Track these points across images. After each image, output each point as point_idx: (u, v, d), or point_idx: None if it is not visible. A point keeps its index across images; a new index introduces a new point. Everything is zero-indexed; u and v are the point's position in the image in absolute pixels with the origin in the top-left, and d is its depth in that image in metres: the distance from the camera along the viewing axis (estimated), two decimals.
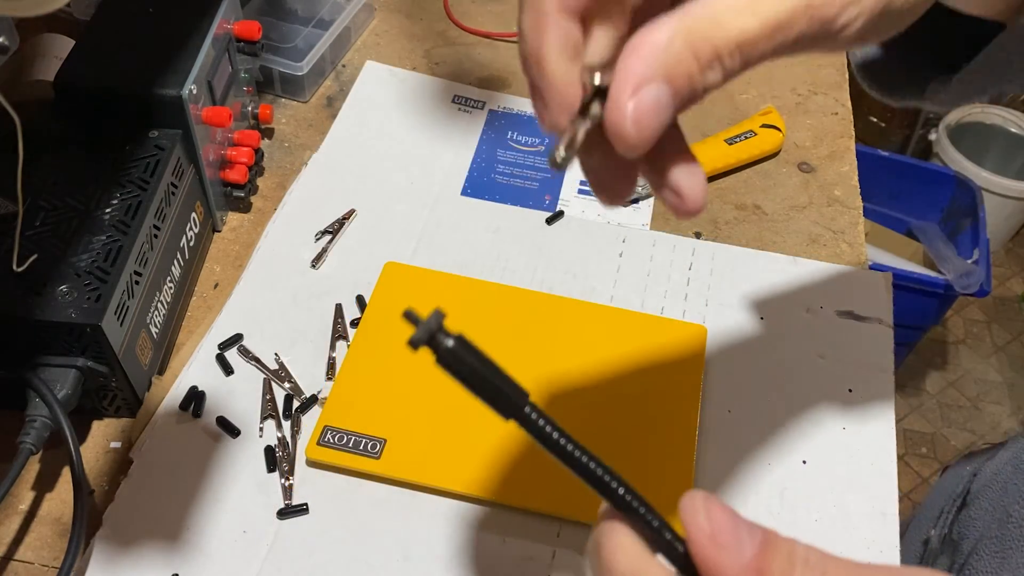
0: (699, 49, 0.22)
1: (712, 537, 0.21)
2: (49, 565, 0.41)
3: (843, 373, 0.49)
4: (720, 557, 0.21)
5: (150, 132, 0.48)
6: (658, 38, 0.22)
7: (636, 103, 0.22)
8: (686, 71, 0.22)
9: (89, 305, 0.41)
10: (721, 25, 0.22)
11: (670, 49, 0.22)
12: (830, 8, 0.23)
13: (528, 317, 0.50)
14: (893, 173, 1.38)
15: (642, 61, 0.22)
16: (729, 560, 0.21)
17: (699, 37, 0.22)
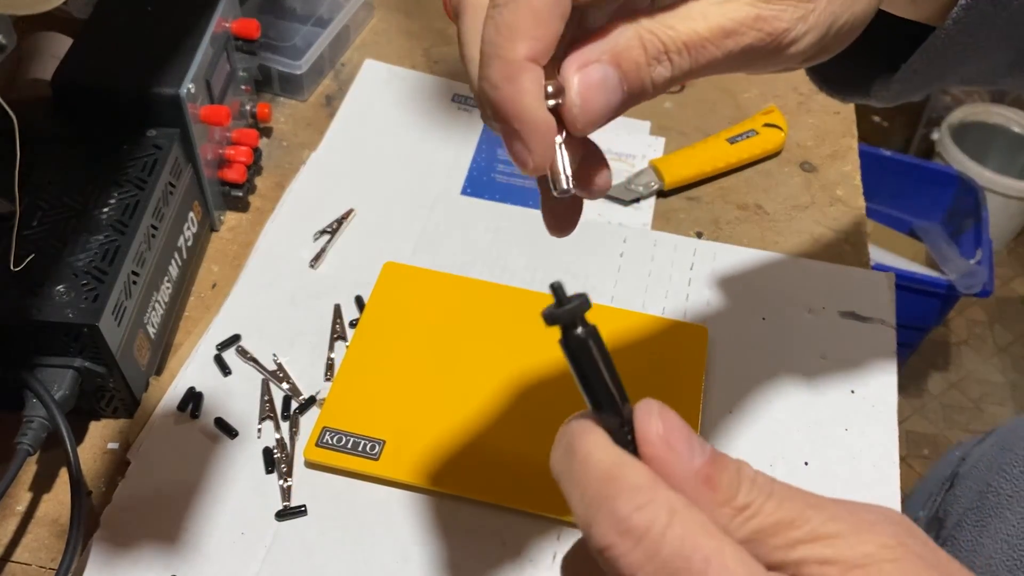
0: (647, 41, 0.23)
1: (664, 440, 0.21)
2: (47, 566, 0.41)
3: (845, 374, 0.49)
4: (670, 459, 0.21)
5: (148, 131, 0.48)
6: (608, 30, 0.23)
7: (582, 77, 0.23)
8: (633, 58, 0.23)
9: (86, 305, 0.41)
10: (671, 25, 0.24)
11: (619, 37, 0.23)
12: (779, 23, 0.24)
13: (528, 317, 0.50)
14: (896, 173, 1.38)
15: (590, 45, 0.23)
16: (679, 464, 0.21)
17: (648, 31, 0.23)
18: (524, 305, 0.50)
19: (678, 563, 0.18)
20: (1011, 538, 0.41)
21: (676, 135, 0.62)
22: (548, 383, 0.47)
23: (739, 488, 0.21)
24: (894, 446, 0.46)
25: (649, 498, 0.19)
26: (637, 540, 0.19)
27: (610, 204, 0.57)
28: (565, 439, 0.23)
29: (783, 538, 0.21)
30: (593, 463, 0.21)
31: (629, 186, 0.58)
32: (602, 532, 0.19)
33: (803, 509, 0.21)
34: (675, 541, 0.19)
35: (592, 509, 0.20)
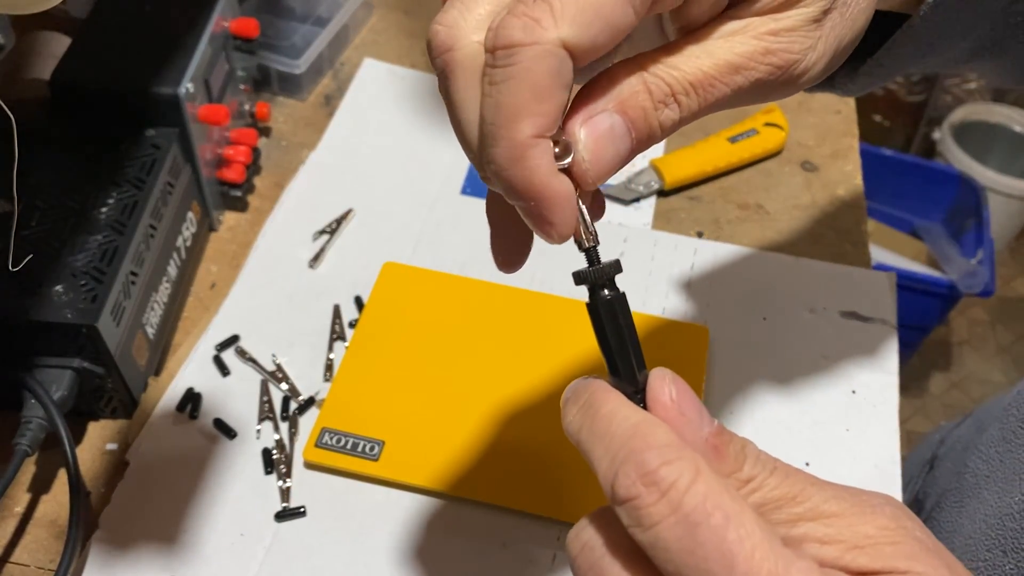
0: (652, 84, 0.23)
1: (677, 404, 0.22)
2: (45, 567, 0.41)
3: (846, 374, 0.48)
4: (681, 424, 0.21)
5: (146, 131, 0.48)
6: (612, 76, 0.23)
7: (589, 130, 0.22)
8: (640, 104, 0.23)
9: (85, 305, 0.41)
10: (675, 66, 0.23)
11: (624, 83, 0.23)
12: (789, 55, 0.24)
13: (528, 318, 0.49)
14: (897, 172, 1.38)
15: (595, 93, 0.22)
16: (689, 430, 0.21)
17: (651, 75, 0.23)
18: (524, 305, 0.50)
19: (698, 517, 0.19)
20: (989, 518, 0.41)
21: (676, 134, 0.62)
22: (548, 383, 0.46)
23: (745, 461, 0.21)
24: (895, 446, 0.46)
25: (677, 455, 0.20)
26: (663, 492, 0.19)
27: (610, 204, 0.57)
28: (583, 398, 0.23)
29: (785, 513, 0.21)
30: (620, 418, 0.21)
31: (629, 185, 0.57)
32: (629, 483, 0.20)
33: (805, 486, 0.21)
34: (699, 496, 0.19)
35: (619, 460, 0.20)
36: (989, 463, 0.44)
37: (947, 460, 0.51)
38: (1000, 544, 0.39)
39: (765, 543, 0.19)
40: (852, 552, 0.20)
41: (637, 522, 0.19)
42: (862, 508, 0.21)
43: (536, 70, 0.21)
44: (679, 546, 0.19)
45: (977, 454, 0.45)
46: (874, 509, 0.21)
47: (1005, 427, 0.43)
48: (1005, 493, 0.40)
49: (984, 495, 0.42)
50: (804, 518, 0.21)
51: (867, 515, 0.21)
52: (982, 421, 0.49)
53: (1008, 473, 0.41)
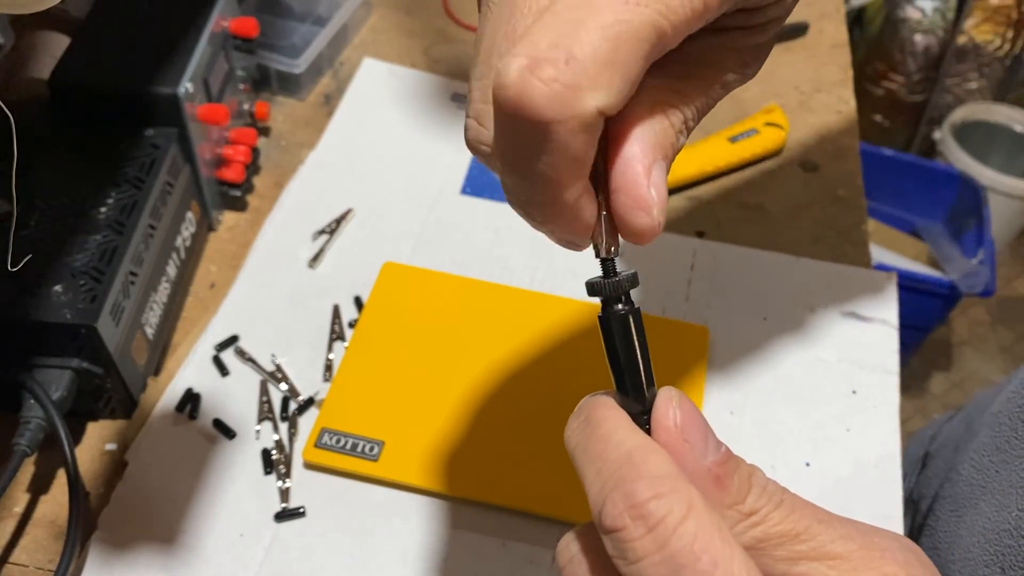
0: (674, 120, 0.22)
1: (680, 430, 0.21)
2: (44, 568, 0.41)
3: (847, 374, 0.48)
4: (683, 451, 0.20)
5: (146, 130, 0.48)
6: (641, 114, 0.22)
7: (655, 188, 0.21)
8: (671, 145, 0.22)
9: (84, 305, 0.41)
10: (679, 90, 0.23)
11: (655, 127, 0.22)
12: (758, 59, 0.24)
13: (528, 318, 0.49)
14: (897, 172, 1.38)
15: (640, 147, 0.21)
16: (691, 457, 0.20)
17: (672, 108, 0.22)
18: (524, 305, 0.50)
19: (684, 559, 0.18)
20: (987, 532, 0.40)
21: None
22: (548, 384, 0.46)
23: (748, 493, 0.20)
24: (895, 446, 0.46)
25: (670, 488, 0.19)
26: (650, 528, 0.18)
27: None
28: (584, 413, 0.22)
29: (787, 550, 0.20)
30: (615, 442, 0.20)
31: None
32: (616, 513, 0.19)
33: (811, 523, 0.20)
34: (687, 536, 0.18)
35: (608, 488, 0.19)
36: (984, 473, 0.43)
37: (939, 458, 0.51)
38: (998, 560, 0.39)
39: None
40: None
41: (621, 555, 0.19)
42: (870, 552, 0.20)
43: (575, 146, 0.19)
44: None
45: (970, 461, 0.45)
46: (883, 554, 0.20)
47: (998, 436, 0.43)
48: (1002, 507, 0.40)
49: (981, 506, 0.42)
50: (807, 557, 0.20)
51: (875, 560, 0.20)
52: (971, 418, 0.49)
53: (1004, 485, 0.41)
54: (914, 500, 0.51)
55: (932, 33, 1.49)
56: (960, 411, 0.54)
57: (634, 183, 0.21)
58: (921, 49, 1.51)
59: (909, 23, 1.49)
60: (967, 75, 1.54)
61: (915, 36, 1.50)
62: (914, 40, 1.50)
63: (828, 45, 0.69)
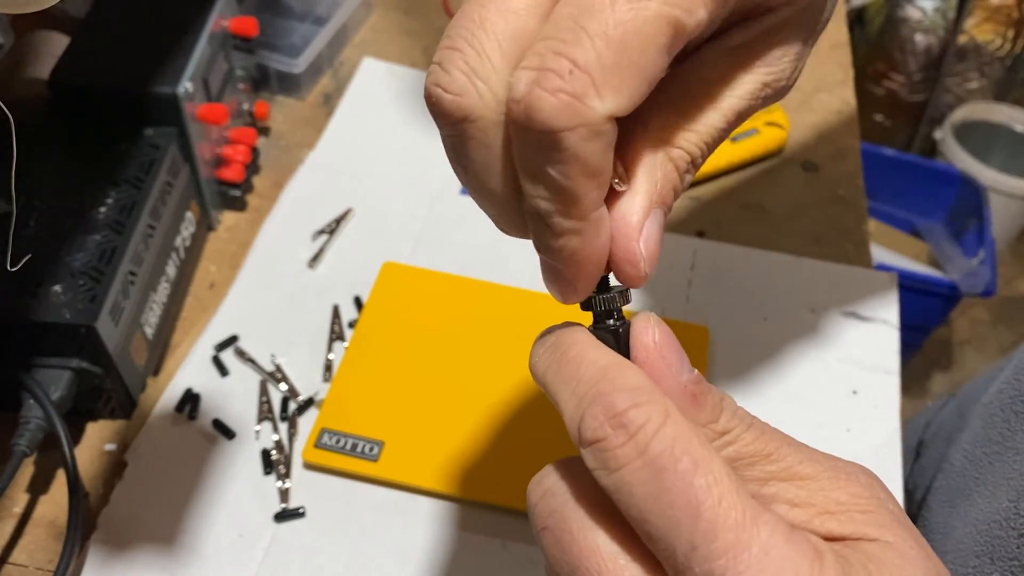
0: (679, 159, 0.22)
1: (659, 348, 0.21)
2: (44, 568, 0.41)
3: (847, 374, 0.48)
4: (661, 367, 0.21)
5: (145, 130, 0.48)
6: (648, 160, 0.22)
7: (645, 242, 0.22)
8: (673, 187, 0.22)
9: (83, 305, 0.41)
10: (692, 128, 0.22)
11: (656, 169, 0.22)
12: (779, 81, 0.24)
13: (528, 318, 0.49)
14: (898, 172, 1.38)
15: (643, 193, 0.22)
16: (668, 375, 0.21)
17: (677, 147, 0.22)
18: (524, 305, 0.50)
19: (665, 461, 0.18)
20: (978, 523, 0.41)
21: None
22: None
23: (721, 413, 0.21)
24: (897, 447, 0.46)
25: (647, 398, 0.19)
26: (630, 435, 0.19)
27: None
28: (551, 339, 0.22)
29: (758, 470, 0.21)
30: (588, 361, 0.21)
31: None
32: (596, 425, 0.19)
33: (780, 445, 0.21)
34: (667, 440, 0.19)
35: (586, 402, 0.20)
36: (977, 465, 0.43)
37: (932, 447, 0.51)
38: (988, 551, 0.39)
39: (733, 492, 0.18)
40: (822, 516, 0.20)
41: (603, 464, 0.19)
42: (836, 474, 0.21)
43: (586, 153, 0.19)
44: (644, 491, 0.18)
45: (962, 452, 0.45)
46: (848, 476, 0.21)
47: (990, 427, 0.43)
48: (994, 498, 0.40)
49: (974, 498, 0.42)
50: (776, 477, 0.20)
51: (840, 481, 0.20)
52: (963, 406, 0.49)
53: (997, 477, 0.41)
54: (909, 490, 0.51)
55: (933, 33, 1.49)
56: (952, 398, 0.54)
57: (625, 236, 0.22)
58: (922, 49, 1.51)
59: (910, 23, 1.49)
60: (968, 75, 1.54)
61: (916, 36, 1.50)
62: (915, 40, 1.50)
63: (828, 45, 0.68)
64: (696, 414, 0.21)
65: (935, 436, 0.51)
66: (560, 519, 0.20)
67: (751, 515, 0.18)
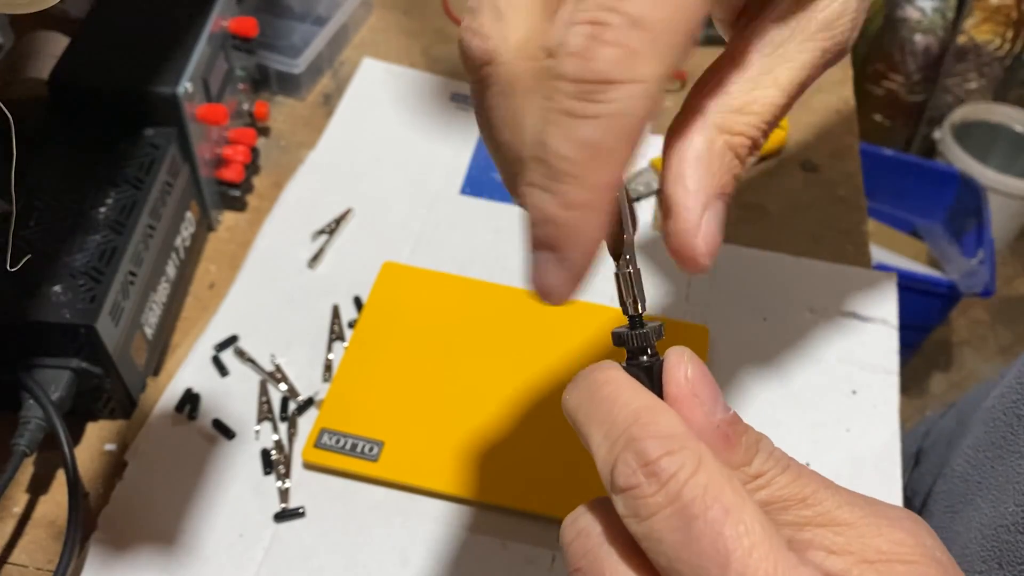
0: (738, 146, 0.21)
1: (691, 384, 0.20)
2: (44, 568, 0.41)
3: (847, 374, 0.48)
4: (693, 406, 0.20)
5: (145, 130, 0.48)
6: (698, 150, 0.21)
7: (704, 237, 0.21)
8: (731, 173, 0.21)
9: (83, 305, 0.41)
10: (749, 110, 0.21)
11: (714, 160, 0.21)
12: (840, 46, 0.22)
13: (528, 318, 0.49)
14: (897, 172, 1.38)
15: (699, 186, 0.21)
16: (700, 413, 0.20)
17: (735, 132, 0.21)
18: (523, 305, 0.50)
19: (696, 510, 0.18)
20: (984, 528, 0.40)
21: None
22: (547, 383, 0.46)
23: (756, 455, 0.20)
24: (895, 447, 0.46)
25: (681, 445, 0.19)
26: (662, 484, 0.18)
27: None
28: (587, 378, 0.22)
29: (793, 515, 0.20)
30: (621, 403, 0.20)
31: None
32: (629, 472, 0.19)
33: (817, 489, 0.20)
34: (698, 488, 0.18)
35: (618, 448, 0.19)
36: (979, 469, 0.43)
37: (932, 454, 0.51)
38: (996, 556, 0.39)
39: (766, 542, 0.18)
40: (860, 566, 0.19)
41: (633, 512, 0.19)
42: (878, 519, 0.20)
43: (632, 112, 0.18)
44: (673, 539, 0.18)
45: (964, 457, 0.45)
46: (891, 522, 0.20)
47: (993, 432, 0.43)
48: (999, 503, 0.40)
49: (978, 503, 0.42)
50: (813, 523, 0.20)
51: (883, 527, 0.20)
52: (964, 415, 0.49)
53: (1000, 481, 0.41)
54: (907, 496, 0.51)
55: (932, 33, 1.49)
56: (952, 407, 0.54)
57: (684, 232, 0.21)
58: (921, 49, 1.51)
59: (909, 23, 1.49)
60: (967, 75, 1.54)
61: (915, 36, 1.50)
62: (914, 40, 1.50)
63: None
64: (729, 456, 0.20)
65: (935, 443, 0.51)
66: (593, 560, 0.20)
67: (784, 567, 0.18)
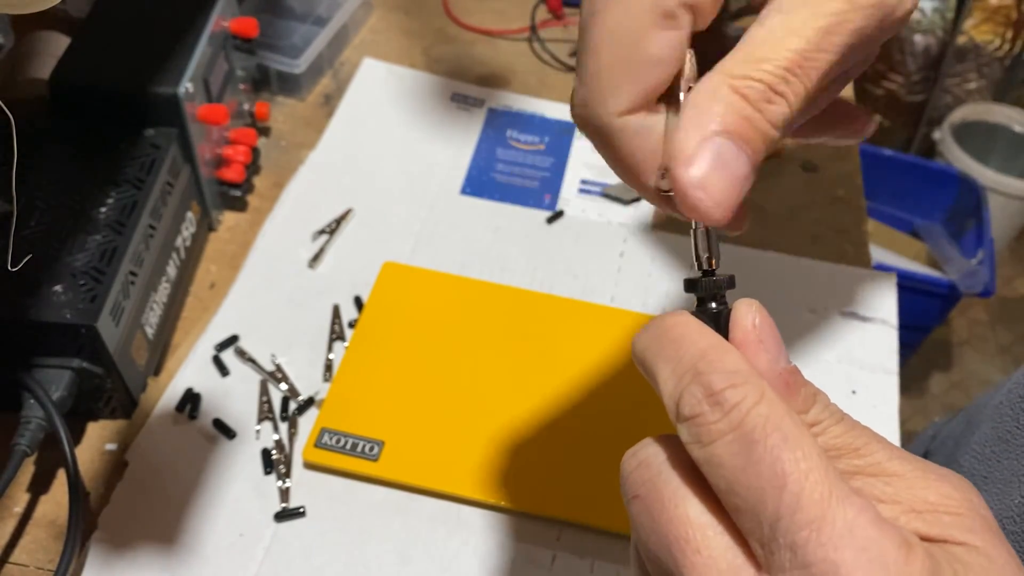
0: (745, 88, 0.21)
1: (757, 332, 0.21)
2: (44, 568, 0.41)
3: (846, 374, 0.48)
4: (758, 351, 0.21)
5: (146, 130, 0.48)
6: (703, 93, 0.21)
7: (700, 166, 0.21)
8: (740, 115, 0.21)
9: (84, 305, 0.41)
10: (762, 57, 0.21)
11: (714, 100, 0.21)
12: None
13: (528, 318, 0.49)
14: (897, 172, 1.38)
15: (692, 125, 0.21)
16: (765, 359, 0.21)
17: (739, 77, 0.21)
18: (523, 305, 0.50)
19: (757, 435, 0.19)
20: None
21: None
22: (547, 383, 0.46)
23: (813, 405, 0.21)
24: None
25: (744, 379, 0.19)
26: (725, 412, 0.19)
27: (610, 204, 0.57)
28: (658, 322, 0.22)
29: (845, 463, 0.20)
30: (690, 342, 0.21)
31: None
32: (694, 402, 0.20)
33: (870, 441, 0.21)
34: (759, 417, 0.19)
35: (685, 381, 0.20)
36: (986, 463, 0.43)
37: (938, 455, 0.51)
38: None
39: (821, 469, 0.18)
40: (908, 515, 0.19)
41: (696, 438, 0.19)
42: (926, 473, 0.20)
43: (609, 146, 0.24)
44: (733, 462, 0.19)
45: (971, 453, 0.45)
46: (939, 477, 0.20)
47: (999, 426, 0.43)
48: (1005, 495, 0.40)
49: (983, 497, 0.42)
50: (864, 472, 0.20)
51: (931, 480, 0.20)
52: (972, 416, 0.49)
53: (1006, 474, 0.41)
54: None
55: (932, 33, 1.49)
56: (961, 412, 0.54)
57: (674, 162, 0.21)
58: (921, 49, 1.51)
59: (909, 23, 1.49)
60: (967, 75, 1.54)
61: (915, 36, 1.50)
62: (914, 40, 1.50)
63: None
64: (789, 401, 0.21)
65: (942, 444, 0.51)
66: (652, 488, 0.20)
67: (839, 493, 0.18)
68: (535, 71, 0.66)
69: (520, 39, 0.68)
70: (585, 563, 0.41)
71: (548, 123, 0.62)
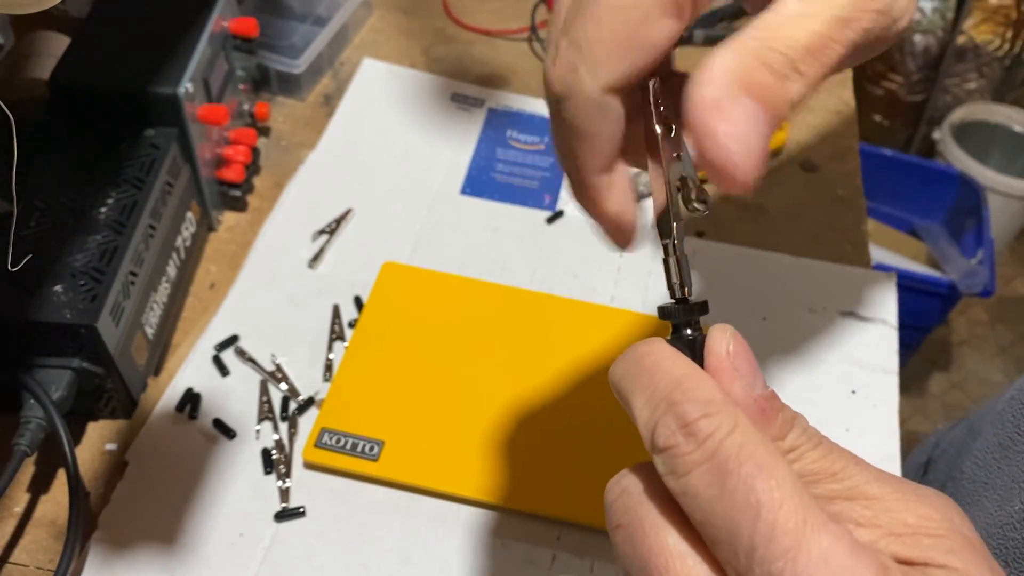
0: (771, 58, 0.21)
1: (731, 358, 0.21)
2: (44, 568, 0.41)
3: (846, 374, 0.48)
4: (732, 379, 0.21)
5: (145, 130, 0.48)
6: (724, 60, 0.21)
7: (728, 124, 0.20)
8: (762, 82, 0.20)
9: (84, 305, 0.41)
10: (787, 34, 0.21)
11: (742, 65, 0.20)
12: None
13: (528, 318, 0.49)
14: (897, 172, 1.38)
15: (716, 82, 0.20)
16: (741, 387, 0.21)
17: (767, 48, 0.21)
18: (523, 305, 0.50)
19: (730, 466, 0.19)
20: (989, 527, 0.40)
21: None
22: (547, 383, 0.46)
23: (790, 431, 0.21)
24: (895, 446, 0.46)
25: (717, 409, 0.20)
26: (699, 443, 0.19)
27: None
28: (632, 350, 0.23)
29: (823, 488, 0.20)
30: (664, 371, 0.21)
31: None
32: (668, 433, 0.20)
33: (847, 464, 0.21)
34: (733, 447, 0.19)
35: (659, 411, 0.20)
36: (987, 469, 0.43)
37: (941, 462, 0.51)
38: (1002, 554, 0.39)
39: (796, 497, 0.18)
40: (887, 539, 0.19)
41: (672, 469, 0.19)
42: (905, 495, 0.20)
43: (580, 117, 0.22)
44: (708, 493, 0.19)
45: (973, 459, 0.45)
46: (919, 498, 0.20)
47: (1001, 433, 0.43)
48: (1005, 501, 0.40)
49: (984, 503, 0.42)
50: (842, 496, 0.20)
51: (910, 502, 0.20)
52: (976, 424, 0.49)
53: (1007, 481, 0.41)
54: None
55: (931, 33, 1.49)
56: (964, 420, 0.54)
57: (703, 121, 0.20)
58: (920, 49, 1.51)
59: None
60: (966, 75, 1.54)
61: (914, 36, 1.50)
62: (913, 40, 1.50)
63: None
64: (765, 429, 0.21)
65: (944, 452, 0.51)
66: (634, 517, 0.21)
67: (815, 521, 0.18)
68: (535, 71, 0.66)
69: (520, 39, 0.68)
70: (585, 563, 0.41)
71: (548, 123, 0.62)
